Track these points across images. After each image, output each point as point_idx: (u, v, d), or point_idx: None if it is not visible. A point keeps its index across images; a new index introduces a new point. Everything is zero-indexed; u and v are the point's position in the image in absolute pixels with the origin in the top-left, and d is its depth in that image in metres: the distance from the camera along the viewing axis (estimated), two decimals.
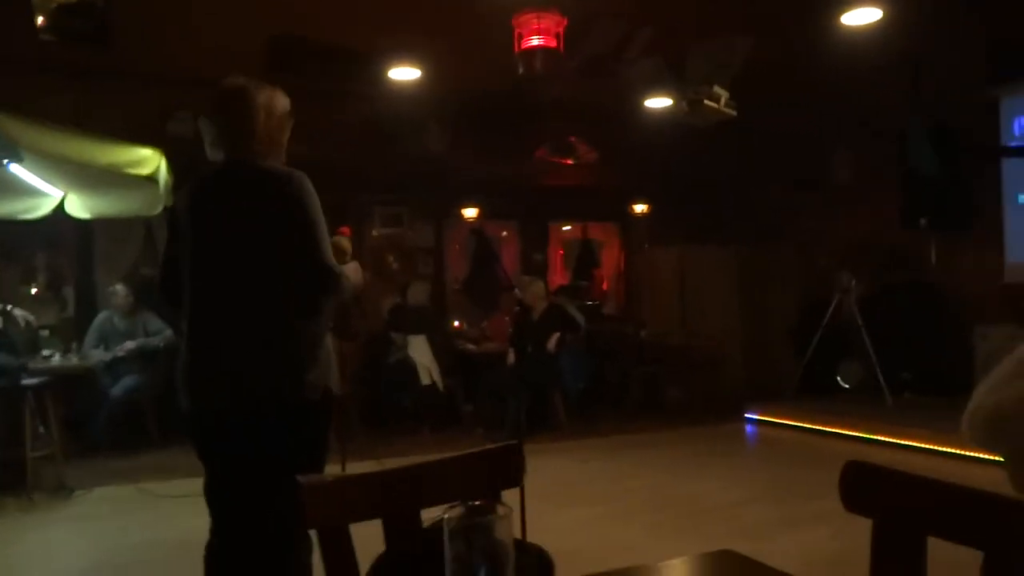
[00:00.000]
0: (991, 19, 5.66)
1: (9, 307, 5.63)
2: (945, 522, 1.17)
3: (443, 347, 7.32)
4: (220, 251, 2.16)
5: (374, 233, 8.38)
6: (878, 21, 4.47)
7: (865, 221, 7.86)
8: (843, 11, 4.38)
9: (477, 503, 0.88)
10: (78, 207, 5.89)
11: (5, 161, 4.81)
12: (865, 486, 1.26)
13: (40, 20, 5.83)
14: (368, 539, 1.38)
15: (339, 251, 2.49)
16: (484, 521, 0.85)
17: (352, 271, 2.41)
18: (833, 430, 6.52)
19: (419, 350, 7.03)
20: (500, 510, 0.86)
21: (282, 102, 2.30)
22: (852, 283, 7.33)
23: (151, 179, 4.99)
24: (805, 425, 6.84)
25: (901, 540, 1.19)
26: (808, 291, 8.53)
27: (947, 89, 6.48)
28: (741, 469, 5.89)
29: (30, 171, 5.40)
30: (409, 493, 1.38)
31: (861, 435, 6.24)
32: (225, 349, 2.16)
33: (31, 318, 5.77)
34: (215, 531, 2.23)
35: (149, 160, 4.76)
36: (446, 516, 0.84)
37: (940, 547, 1.15)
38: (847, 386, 7.64)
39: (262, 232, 2.12)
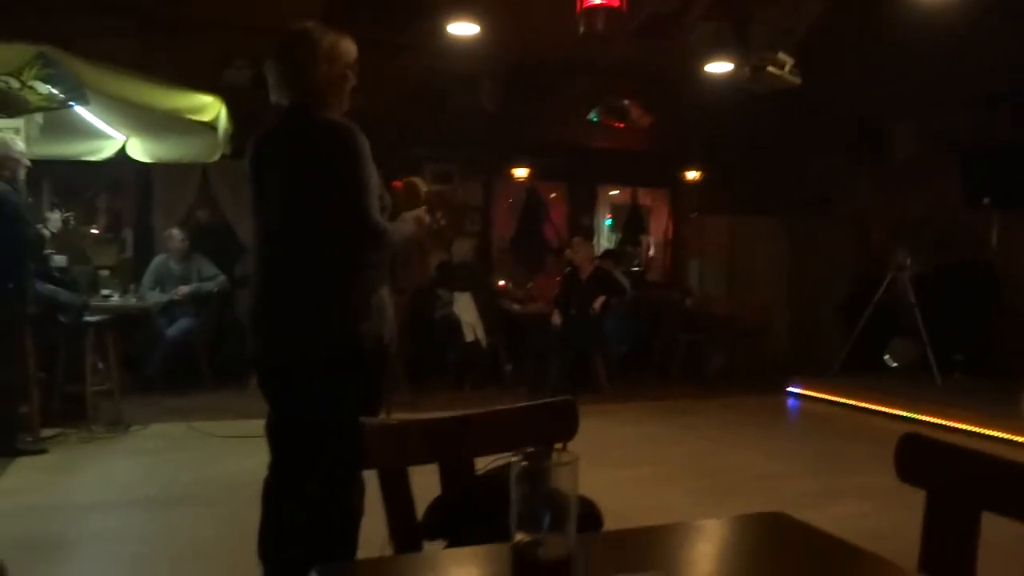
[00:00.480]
0: None
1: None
2: (1001, 498, 1.16)
3: (488, 305, 7.37)
4: (275, 201, 2.20)
5: (423, 189, 8.40)
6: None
7: (924, 198, 7.64)
8: None
9: (543, 448, 0.90)
10: (139, 151, 6.03)
11: (71, 103, 4.94)
12: (921, 458, 1.26)
13: None
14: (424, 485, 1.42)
15: (413, 193, 2.48)
16: (550, 466, 0.87)
17: (413, 219, 2.36)
18: (879, 408, 6.43)
19: (464, 307, 7.09)
20: (566, 456, 0.88)
21: (347, 49, 2.28)
22: (908, 260, 7.17)
23: (210, 126, 5.09)
24: (850, 402, 6.76)
25: (955, 514, 1.19)
26: (859, 266, 8.36)
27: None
28: (783, 441, 5.87)
29: (94, 114, 5.53)
30: (465, 440, 1.42)
31: (908, 415, 6.15)
32: (279, 298, 2.22)
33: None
34: (273, 468, 2.31)
35: (209, 107, 4.85)
36: (513, 459, 0.86)
37: (994, 523, 1.15)
38: (895, 365, 7.52)
39: (312, 183, 2.14)
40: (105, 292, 6.34)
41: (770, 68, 4.97)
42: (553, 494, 0.87)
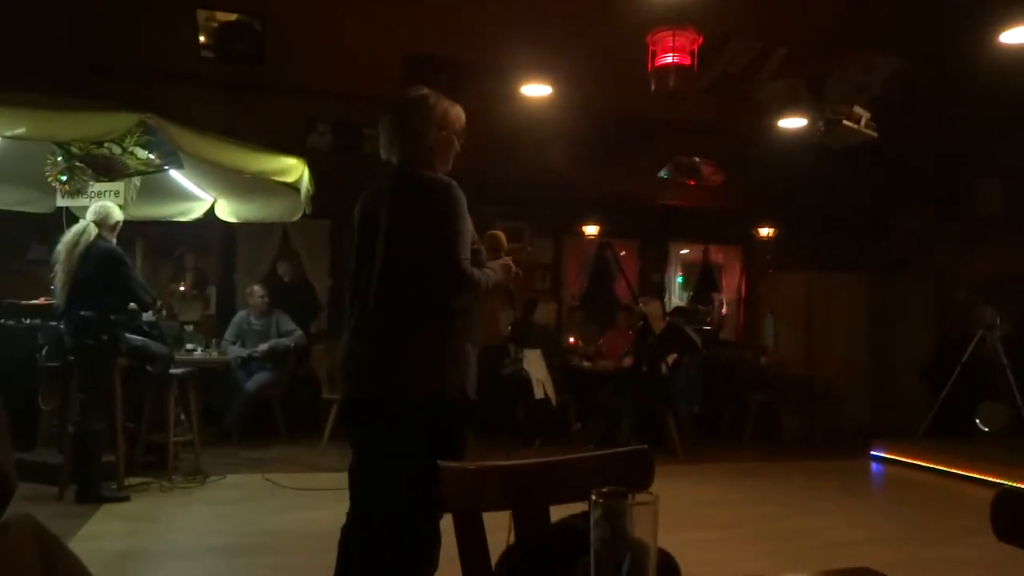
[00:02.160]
0: None
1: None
2: None
3: (558, 363, 7.35)
4: (375, 252, 2.28)
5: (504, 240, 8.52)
6: None
7: (1013, 254, 7.34)
8: (1001, 29, 4.14)
9: (621, 489, 0.90)
10: (226, 211, 6.33)
11: (167, 167, 5.25)
12: (1021, 515, 1.20)
13: (202, 38, 6.34)
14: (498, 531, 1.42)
15: (495, 244, 2.53)
16: (629, 505, 0.87)
17: (501, 267, 2.41)
18: (970, 474, 6.09)
19: (534, 364, 7.09)
20: (646, 496, 0.88)
21: (457, 116, 2.42)
22: (997, 319, 6.86)
23: (293, 187, 5.32)
24: (939, 467, 6.43)
25: None
26: (943, 326, 8.04)
27: None
28: (864, 507, 5.60)
29: (186, 177, 5.86)
30: (540, 487, 1.42)
31: (1002, 481, 5.80)
32: (370, 343, 2.28)
33: None
34: (351, 515, 2.34)
35: (294, 168, 5.07)
36: (592, 498, 0.87)
37: None
38: (987, 429, 7.13)
39: (410, 235, 2.23)
40: (189, 346, 6.58)
41: (845, 122, 4.92)
42: (632, 541, 0.87)
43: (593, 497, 0.87)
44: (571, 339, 8.26)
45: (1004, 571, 1.16)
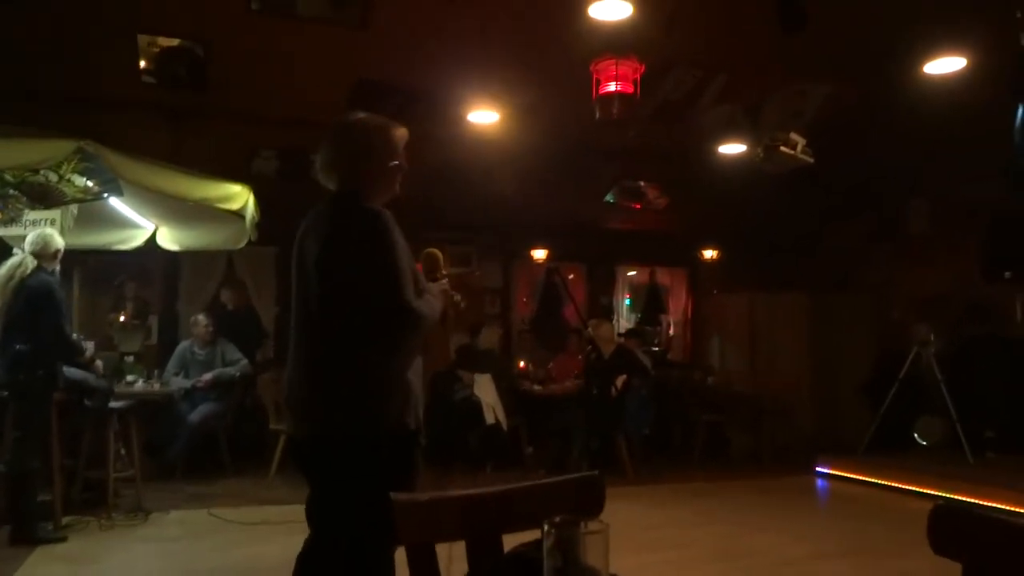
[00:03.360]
0: None
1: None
2: None
3: (508, 387, 7.36)
4: (308, 284, 2.22)
5: (443, 272, 8.52)
6: (962, 69, 4.41)
7: (944, 272, 7.64)
8: (925, 60, 4.34)
9: (573, 517, 0.91)
10: (168, 239, 6.21)
11: (106, 194, 5.13)
12: (954, 529, 1.25)
13: (143, 64, 6.25)
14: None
15: (432, 265, 2.45)
16: (581, 534, 0.88)
17: (439, 292, 2.36)
18: (910, 487, 6.27)
19: (484, 389, 7.08)
20: (596, 525, 0.89)
21: (400, 139, 2.35)
22: (931, 336, 7.11)
23: (237, 214, 5.24)
24: (880, 481, 6.60)
25: None
26: (882, 343, 8.29)
27: None
28: (810, 523, 5.71)
29: (127, 204, 5.73)
30: (493, 516, 1.43)
31: (940, 494, 5.99)
32: (310, 376, 2.23)
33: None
34: (307, 544, 2.31)
35: (238, 196, 5.01)
36: (545, 528, 0.88)
37: None
38: (925, 443, 7.36)
39: (345, 268, 2.17)
40: (130, 378, 6.41)
41: (782, 148, 5.09)
42: (585, 568, 0.88)
43: (546, 526, 0.88)
44: (521, 363, 8.28)
45: None
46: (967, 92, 4.79)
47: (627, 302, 9.95)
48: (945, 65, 4.38)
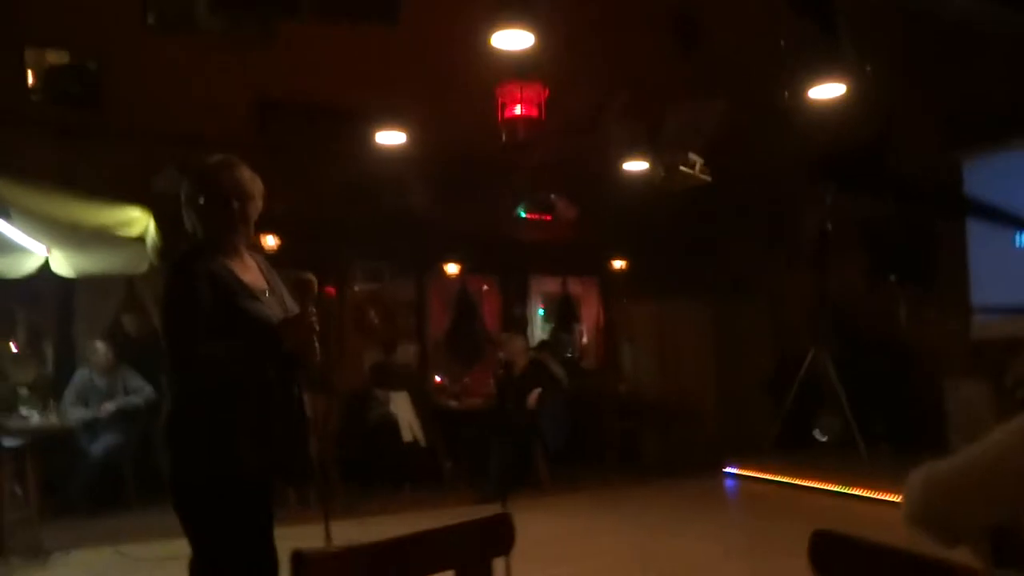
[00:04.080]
0: (947, 91, 5.97)
1: None
2: None
3: (424, 403, 7.35)
4: None
5: (355, 288, 8.45)
6: (841, 96, 4.70)
7: (833, 278, 8.05)
8: (809, 86, 4.61)
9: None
10: (62, 265, 5.92)
11: None
12: (832, 554, 1.35)
13: (31, 80, 5.96)
14: None
15: (303, 290, 2.35)
16: None
17: (292, 324, 2.30)
18: (811, 484, 6.60)
19: (401, 406, 7.06)
20: None
21: (236, 182, 2.36)
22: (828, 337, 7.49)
23: (138, 238, 5.07)
24: (783, 479, 6.92)
25: None
26: (780, 345, 8.68)
27: (911, 152, 6.77)
28: (720, 524, 5.93)
29: (15, 227, 5.44)
30: (405, 562, 1.45)
31: (839, 489, 6.32)
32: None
33: None
34: None
35: (137, 221, 4.85)
36: None
37: None
38: (824, 439, 7.74)
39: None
40: (24, 412, 6.07)
41: (682, 168, 5.29)
42: None
43: None
44: (436, 378, 8.28)
45: None
46: (852, 113, 5.10)
47: (540, 312, 10.08)
48: (826, 91, 4.66)
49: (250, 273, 2.36)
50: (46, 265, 5.93)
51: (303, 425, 2.42)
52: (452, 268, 8.81)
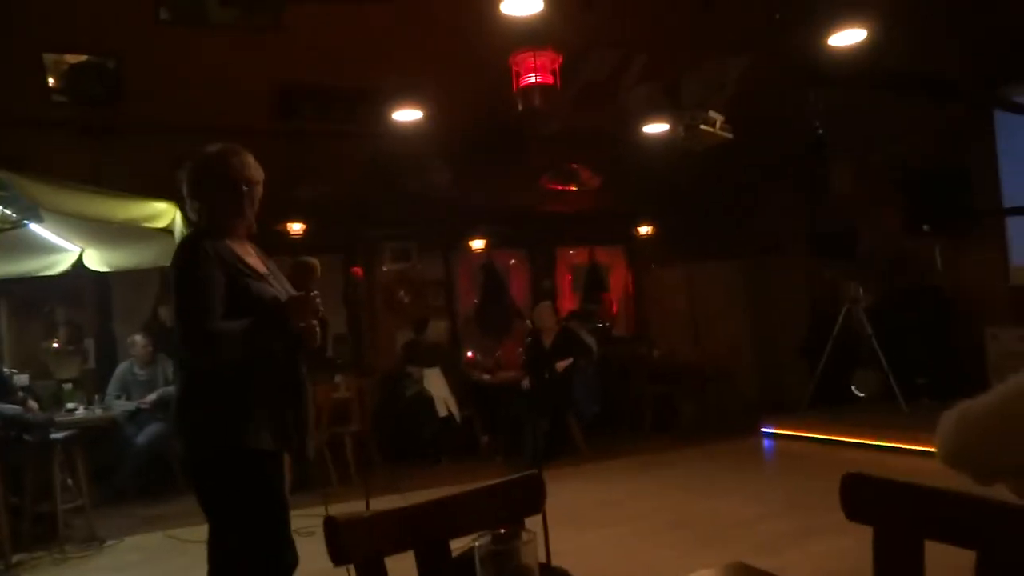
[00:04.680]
0: (973, 27, 5.79)
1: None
2: (940, 526, 1.25)
3: (458, 378, 7.41)
4: None
5: (384, 269, 8.51)
6: (863, 41, 4.58)
7: (868, 230, 7.92)
8: (829, 33, 4.50)
9: (503, 531, 0.97)
10: (96, 261, 6.05)
11: (25, 221, 4.97)
12: (864, 496, 1.35)
13: (52, 82, 6.05)
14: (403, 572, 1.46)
15: (303, 273, 2.39)
16: (511, 547, 0.94)
17: (293, 304, 2.33)
18: (850, 440, 6.55)
19: (435, 383, 7.12)
20: (525, 536, 0.95)
21: (240, 167, 2.42)
22: (860, 292, 7.39)
23: (167, 230, 5.14)
24: (821, 436, 6.87)
25: (900, 545, 1.27)
26: (815, 303, 8.58)
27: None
28: (759, 483, 5.92)
29: (48, 229, 5.56)
30: (438, 524, 1.47)
31: (878, 443, 6.27)
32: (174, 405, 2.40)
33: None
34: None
35: (165, 213, 4.91)
36: (476, 544, 0.93)
37: (936, 549, 1.23)
38: (862, 395, 7.67)
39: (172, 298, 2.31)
40: (70, 406, 6.24)
41: (702, 126, 5.21)
42: (516, 572, 0.94)
43: (475, 544, 0.93)
44: (469, 354, 8.33)
45: None
46: (870, 59, 4.97)
47: (568, 283, 10.06)
48: (847, 37, 4.55)
49: (251, 257, 2.43)
50: (80, 262, 6.06)
51: (307, 402, 2.46)
52: (478, 244, 8.82)
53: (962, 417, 1.34)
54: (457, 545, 1.50)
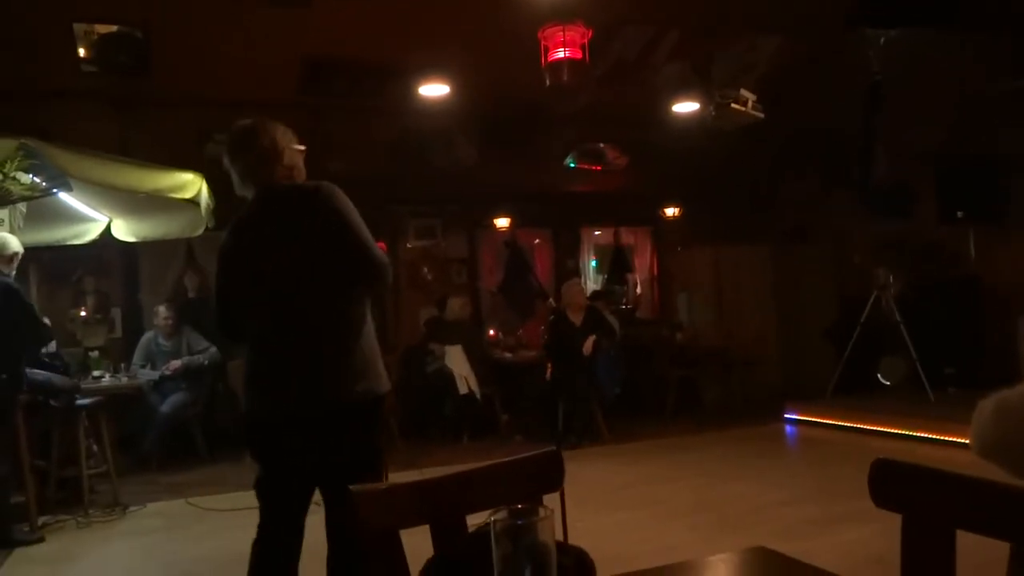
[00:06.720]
0: None
1: None
2: (972, 516, 1.20)
3: (479, 356, 7.40)
4: (275, 270, 2.28)
5: (408, 245, 8.50)
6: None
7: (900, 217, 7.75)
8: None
9: (521, 506, 0.94)
10: (124, 231, 6.09)
11: (54, 190, 5.01)
12: (893, 483, 1.30)
13: (82, 52, 6.08)
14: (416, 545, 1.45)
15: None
16: (528, 523, 0.91)
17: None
18: (875, 428, 6.46)
19: (456, 360, 7.12)
20: (542, 512, 0.92)
21: (285, 133, 2.47)
22: (890, 279, 7.26)
23: (193, 201, 5.16)
24: (846, 424, 6.79)
25: (930, 534, 1.23)
26: (844, 289, 8.45)
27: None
28: (782, 469, 5.86)
29: (77, 199, 5.60)
30: (455, 499, 1.45)
31: (904, 432, 6.18)
32: (293, 357, 2.29)
33: None
34: (263, 528, 2.34)
35: (191, 184, 4.91)
36: (492, 519, 0.90)
37: (969, 540, 1.19)
38: (888, 383, 7.55)
39: (306, 243, 2.25)
40: (96, 373, 6.32)
41: (733, 105, 5.12)
42: (533, 548, 0.91)
43: (492, 519, 0.90)
44: (491, 332, 8.31)
45: None
46: (904, 42, 4.83)
47: (593, 263, 10.00)
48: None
49: None
50: (108, 232, 6.11)
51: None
52: (503, 222, 8.77)
53: (999, 407, 1.28)
54: (474, 522, 1.48)
